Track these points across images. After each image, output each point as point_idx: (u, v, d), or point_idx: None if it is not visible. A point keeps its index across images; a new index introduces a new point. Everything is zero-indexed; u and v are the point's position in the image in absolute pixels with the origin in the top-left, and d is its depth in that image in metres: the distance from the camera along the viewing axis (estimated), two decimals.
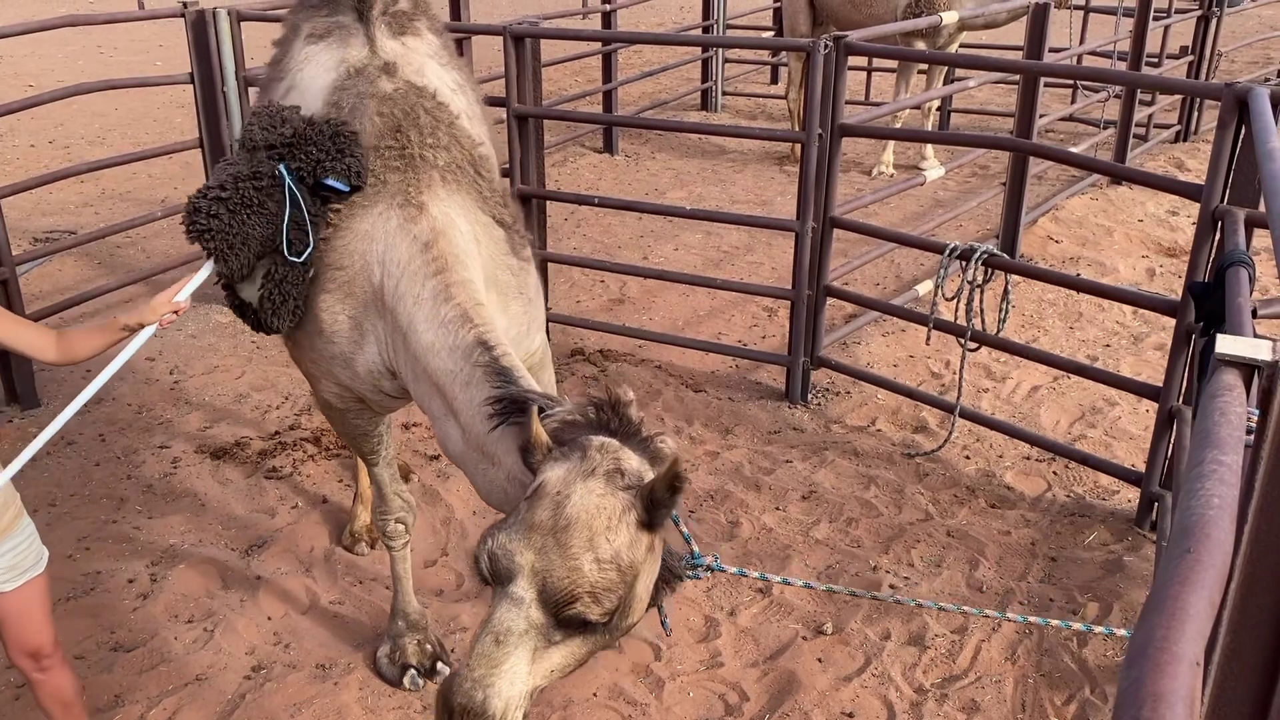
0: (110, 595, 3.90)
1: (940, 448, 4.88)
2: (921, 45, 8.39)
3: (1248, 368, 1.52)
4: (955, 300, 4.76)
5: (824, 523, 4.36)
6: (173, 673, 3.53)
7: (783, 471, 4.72)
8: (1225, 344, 1.54)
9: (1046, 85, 7.72)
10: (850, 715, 3.37)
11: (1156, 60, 10.13)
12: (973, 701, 3.41)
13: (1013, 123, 6.66)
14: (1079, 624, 2.55)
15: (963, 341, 4.72)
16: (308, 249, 2.81)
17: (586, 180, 9.30)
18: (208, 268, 2.88)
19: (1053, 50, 7.51)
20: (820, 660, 3.60)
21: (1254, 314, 2.49)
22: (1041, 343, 5.93)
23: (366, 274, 2.83)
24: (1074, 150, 7.07)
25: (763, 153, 10.09)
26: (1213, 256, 3.79)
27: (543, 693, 2.35)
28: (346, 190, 2.81)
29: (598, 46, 9.97)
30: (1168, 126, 10.24)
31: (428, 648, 3.53)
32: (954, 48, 8.83)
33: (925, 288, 5.79)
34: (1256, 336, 1.66)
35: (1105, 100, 9.14)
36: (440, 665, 3.51)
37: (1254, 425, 1.46)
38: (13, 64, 14.05)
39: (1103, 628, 2.49)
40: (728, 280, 6.24)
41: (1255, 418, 1.47)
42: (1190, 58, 9.84)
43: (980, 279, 4.65)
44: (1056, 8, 7.22)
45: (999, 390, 5.47)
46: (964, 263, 4.66)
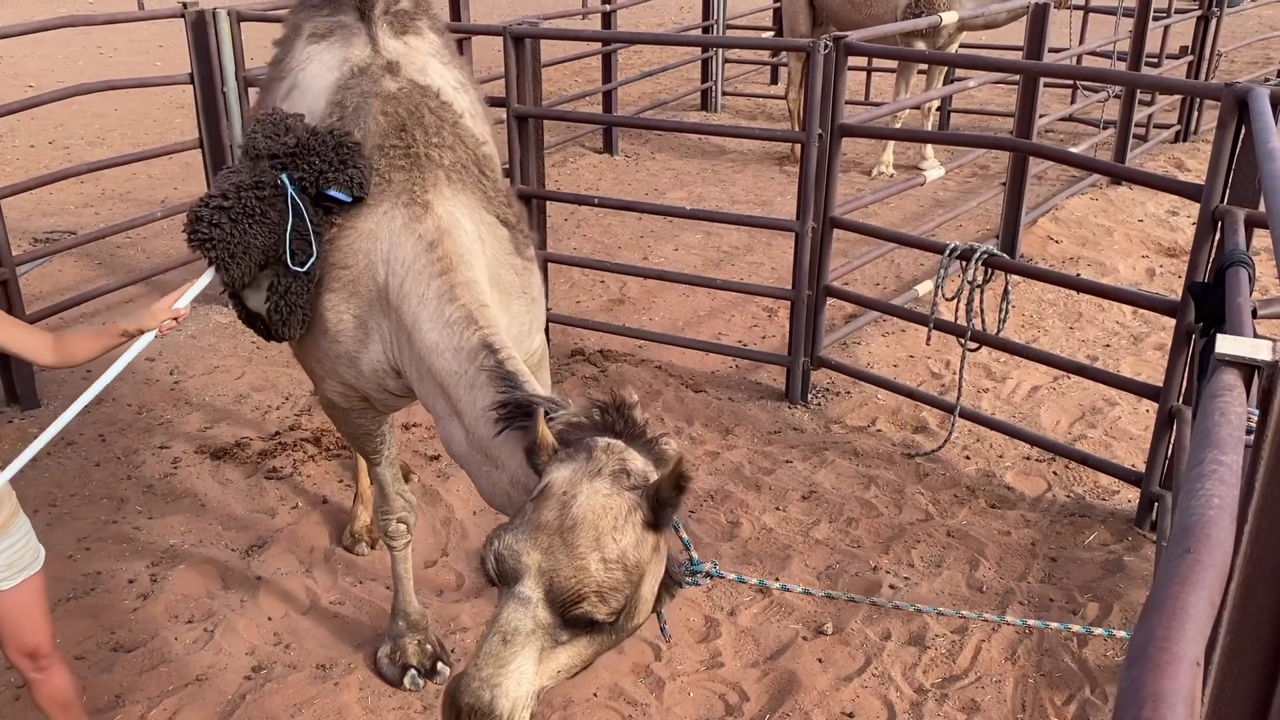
0: (110, 595, 3.90)
1: (940, 448, 4.88)
2: (921, 45, 8.40)
3: (1248, 368, 1.52)
4: (955, 300, 4.76)
5: (824, 523, 4.36)
6: (173, 673, 3.53)
7: (783, 472, 4.73)
8: (1225, 344, 1.54)
9: (1046, 85, 7.72)
10: (850, 715, 3.37)
11: (1156, 60, 10.13)
12: (973, 701, 3.41)
13: (1013, 123, 6.66)
14: (1078, 626, 2.55)
15: (963, 341, 4.72)
16: (310, 259, 2.81)
17: (586, 180, 9.30)
18: (208, 275, 2.88)
19: (1053, 50, 7.51)
20: (820, 660, 3.60)
21: (1254, 314, 2.49)
22: (1041, 343, 5.93)
23: (371, 273, 2.83)
24: (1074, 150, 7.07)
25: (763, 153, 10.09)
26: (1213, 256, 3.79)
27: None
28: (349, 201, 2.81)
29: (597, 47, 9.97)
30: (1167, 126, 10.24)
31: (428, 648, 3.53)
32: (954, 48, 8.83)
33: (925, 288, 5.79)
34: (1256, 336, 1.67)
35: (1105, 100, 9.14)
36: (440, 665, 3.51)
37: (1254, 425, 1.46)
38: (13, 64, 14.05)
39: (1102, 629, 2.49)
40: (728, 280, 6.24)
41: (1255, 418, 1.47)
42: (1190, 58, 9.84)
43: (980, 279, 4.65)
44: (1056, 8, 7.23)
45: (999, 390, 5.47)
46: (964, 263, 4.66)
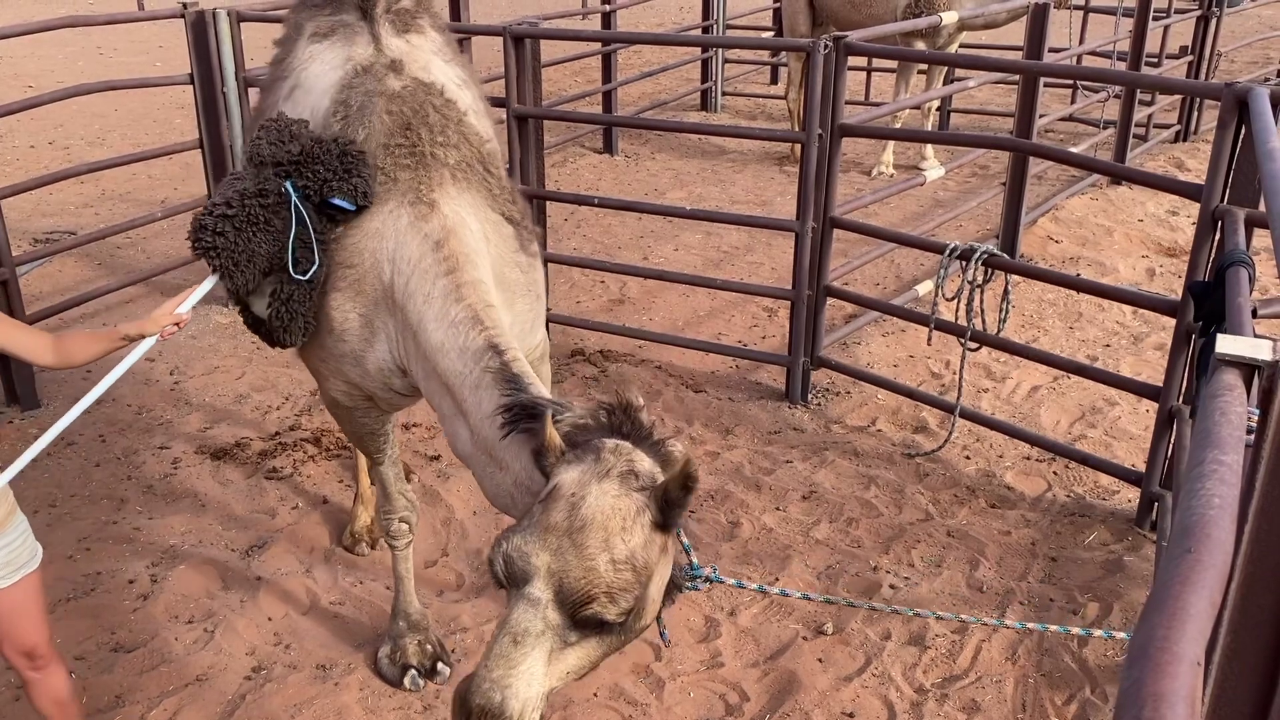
0: (110, 596, 3.90)
1: (940, 448, 4.88)
2: (921, 45, 8.40)
3: (1248, 367, 1.52)
4: (955, 300, 4.76)
5: (824, 523, 4.36)
6: (173, 673, 3.53)
7: (783, 472, 4.72)
8: (1225, 344, 1.54)
9: (1046, 85, 7.72)
10: (851, 715, 3.37)
11: (1156, 60, 10.13)
12: (973, 701, 3.41)
13: (1013, 123, 6.66)
14: (1077, 629, 2.54)
15: (963, 341, 4.72)
16: (313, 267, 2.81)
17: (586, 180, 9.30)
18: (210, 280, 2.88)
19: (1052, 50, 7.51)
20: (821, 660, 3.60)
21: (1254, 314, 2.49)
22: (1041, 343, 5.93)
23: (377, 271, 2.83)
24: (1074, 150, 7.07)
25: (762, 153, 10.09)
26: (1213, 256, 3.79)
27: None
28: (353, 209, 2.81)
29: (597, 47, 9.97)
30: (1167, 126, 10.24)
31: (428, 648, 3.53)
32: (954, 48, 8.83)
33: (925, 288, 5.79)
34: (1256, 336, 1.67)
35: (1105, 100, 9.14)
36: (441, 666, 3.51)
37: (1254, 425, 1.46)
38: (12, 65, 14.05)
39: (1101, 631, 2.49)
40: (728, 280, 6.24)
41: (1255, 417, 1.47)
42: (1190, 58, 9.84)
43: (980, 279, 4.65)
44: (1056, 8, 7.23)
45: (999, 390, 5.47)
46: (964, 263, 4.66)
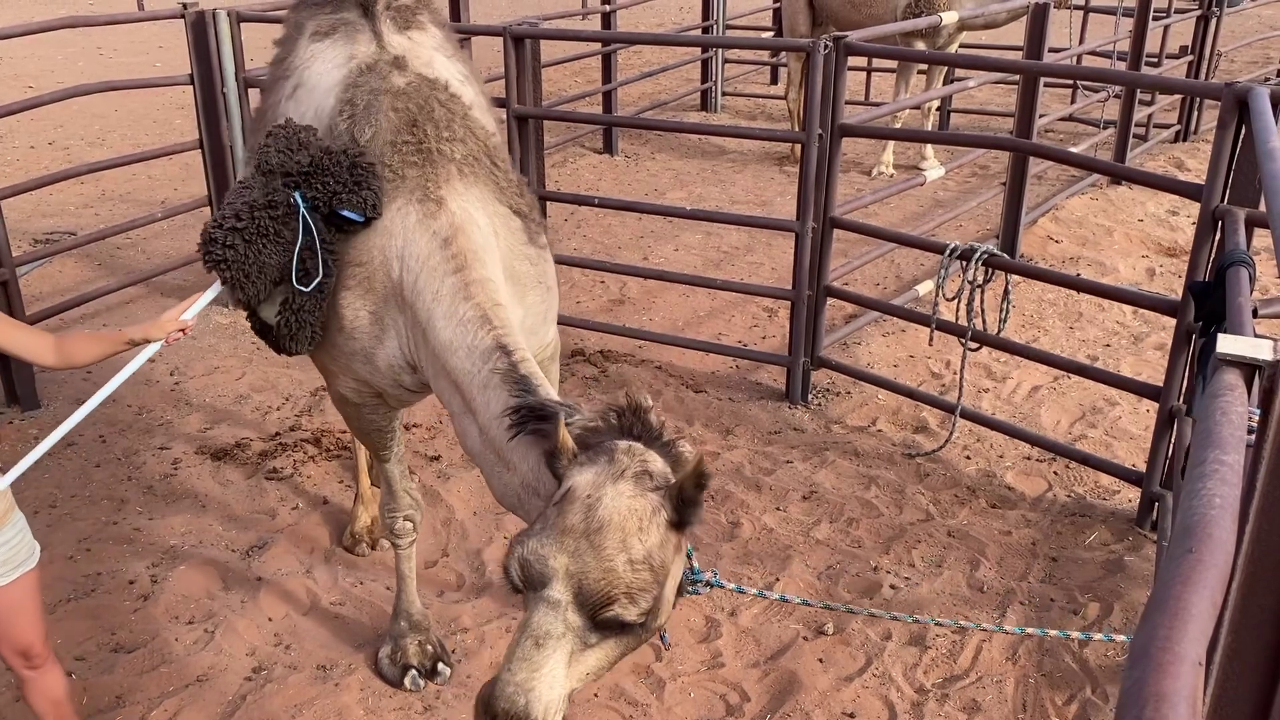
0: (111, 596, 3.90)
1: (941, 448, 4.88)
2: (921, 45, 8.40)
3: (1249, 367, 1.52)
4: (956, 300, 4.76)
5: (825, 523, 4.36)
6: (173, 674, 3.53)
7: (783, 472, 4.72)
8: (1226, 343, 1.54)
9: (1046, 85, 7.72)
10: (851, 715, 3.37)
11: (1156, 60, 10.13)
12: (974, 701, 3.40)
13: (1013, 123, 6.66)
14: (1077, 632, 2.54)
15: (963, 341, 4.72)
16: (316, 278, 2.82)
17: (586, 181, 9.30)
18: (216, 287, 2.88)
19: (1052, 50, 7.51)
20: (821, 660, 3.60)
21: (1254, 313, 2.49)
22: (1042, 343, 5.93)
23: (386, 269, 2.83)
24: (1074, 150, 7.07)
25: (762, 153, 10.09)
26: (1213, 256, 3.79)
27: None
28: (361, 221, 2.81)
29: (597, 47, 9.97)
30: (1168, 126, 10.24)
31: (429, 648, 3.53)
32: (954, 48, 8.83)
33: (925, 288, 5.79)
34: (1257, 336, 1.66)
35: (1105, 100, 9.14)
36: (441, 666, 3.51)
37: (1255, 425, 1.46)
38: (12, 65, 14.05)
39: (1101, 634, 2.49)
40: (728, 281, 6.24)
41: (1256, 417, 1.47)
42: (1190, 57, 9.84)
43: (980, 279, 4.65)
44: (1056, 8, 7.23)
45: (999, 390, 5.47)
46: (964, 263, 4.66)
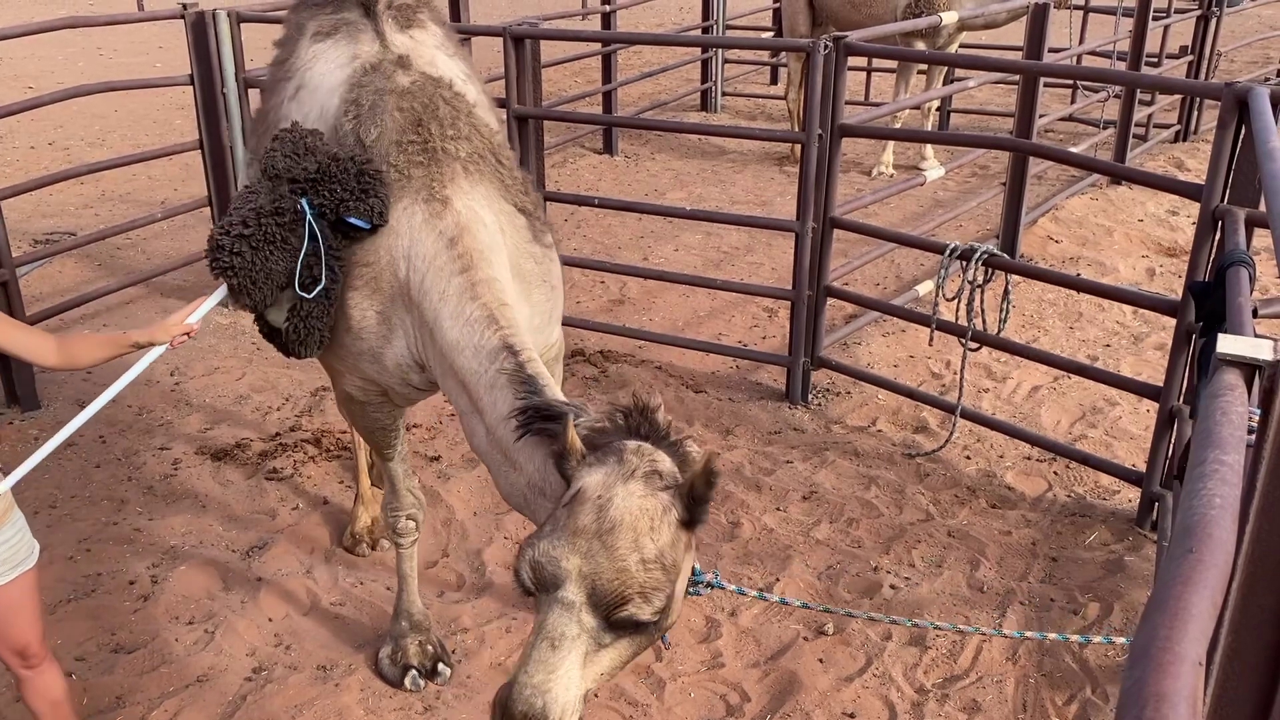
0: (111, 597, 3.90)
1: (941, 448, 4.88)
2: (921, 45, 8.39)
3: (1249, 367, 1.52)
4: (956, 300, 4.76)
5: (825, 523, 4.36)
6: (174, 674, 3.53)
7: (783, 472, 4.72)
8: (1226, 343, 1.54)
9: (1046, 85, 7.72)
10: (851, 715, 3.37)
11: (1156, 60, 10.13)
12: (974, 702, 3.40)
13: (1013, 123, 6.65)
14: (1076, 635, 2.54)
15: (963, 341, 4.72)
16: (319, 285, 2.82)
17: (586, 181, 9.30)
18: (221, 291, 2.89)
19: (1052, 50, 7.51)
20: (821, 660, 3.60)
21: (1254, 313, 2.49)
22: (1042, 343, 5.93)
23: (393, 269, 2.84)
24: (1074, 150, 7.07)
25: (762, 153, 10.09)
26: (1213, 256, 3.79)
27: None
28: (368, 228, 2.81)
29: (597, 47, 9.97)
30: (1168, 126, 10.24)
31: (429, 649, 3.53)
32: (954, 48, 8.83)
33: (926, 288, 5.79)
34: (1257, 336, 1.66)
35: (1105, 100, 9.14)
36: (441, 667, 3.51)
37: (1255, 425, 1.46)
38: (12, 65, 14.05)
39: (1101, 636, 2.50)
40: (728, 281, 6.24)
41: (1256, 417, 1.47)
42: (1190, 57, 9.84)
43: (980, 279, 4.65)
44: (1056, 8, 7.23)
45: (999, 390, 5.46)
46: (964, 263, 4.66)
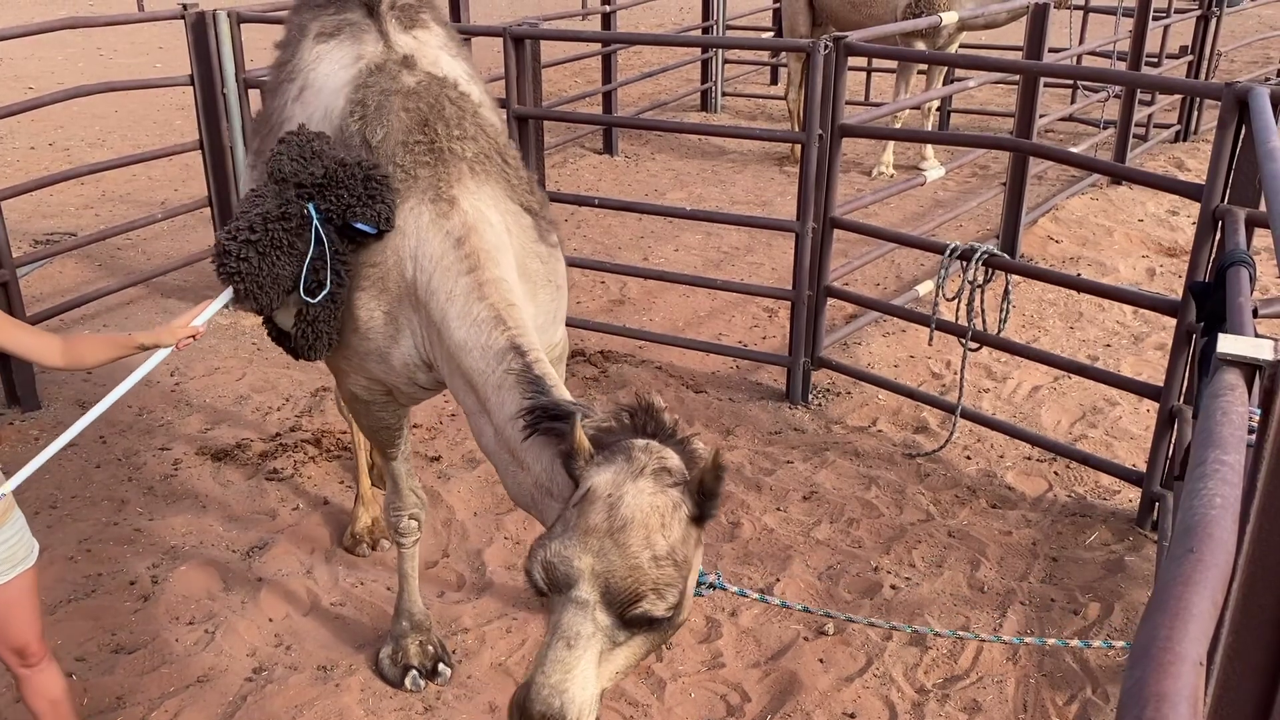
0: (111, 597, 3.90)
1: (941, 448, 4.88)
2: (921, 45, 8.40)
3: (1249, 367, 1.52)
4: (956, 300, 4.76)
5: (825, 523, 4.36)
6: (174, 674, 3.53)
7: (784, 472, 4.72)
8: (1227, 343, 1.54)
9: (1046, 85, 7.72)
10: (852, 716, 3.37)
11: (1156, 60, 10.13)
12: (974, 702, 3.40)
13: (1013, 123, 6.66)
14: (1076, 641, 2.54)
15: (963, 342, 4.72)
16: (324, 290, 2.82)
17: (586, 181, 9.30)
18: (227, 294, 2.89)
19: (1052, 50, 7.51)
20: (822, 661, 3.60)
21: (1255, 313, 2.49)
22: (1042, 343, 5.93)
23: (400, 269, 2.84)
24: (1074, 150, 7.07)
25: (762, 153, 10.09)
26: (1213, 256, 3.79)
27: None
28: (374, 233, 2.82)
29: (597, 47, 9.97)
30: (1168, 126, 10.24)
31: (430, 649, 3.53)
32: (954, 48, 8.83)
33: (926, 288, 5.79)
34: (1258, 336, 1.66)
35: (1105, 100, 9.14)
36: (442, 667, 3.51)
37: (1256, 425, 1.46)
38: (13, 66, 14.05)
39: (1101, 641, 2.49)
40: (728, 281, 6.24)
41: (1257, 417, 1.47)
42: (1190, 57, 9.84)
43: (981, 279, 4.65)
44: (1056, 8, 7.23)
45: (1000, 390, 5.46)
46: (964, 263, 4.66)
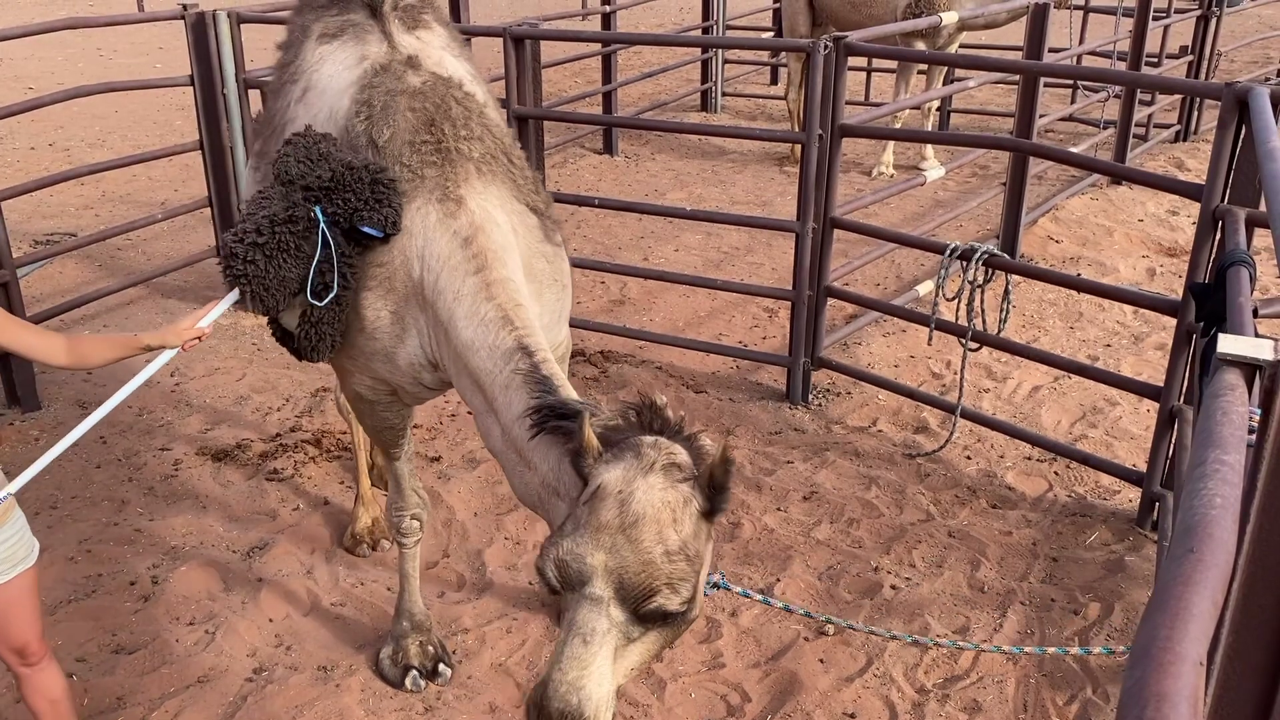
0: (112, 597, 3.90)
1: (941, 448, 4.88)
2: (921, 45, 8.40)
3: (1249, 367, 1.52)
4: (956, 300, 4.76)
5: (825, 523, 4.36)
6: (174, 675, 3.53)
7: (784, 472, 4.72)
8: (1227, 343, 1.54)
9: (1046, 85, 7.72)
10: (852, 716, 3.37)
11: (1156, 60, 10.13)
12: (974, 702, 3.40)
13: (1013, 123, 6.66)
14: (1076, 648, 2.55)
15: (964, 342, 4.72)
16: (331, 292, 2.82)
17: (586, 181, 9.30)
18: (233, 295, 2.89)
19: (1053, 50, 7.51)
20: (822, 661, 3.60)
21: (1255, 313, 2.49)
22: (1042, 343, 5.93)
23: (406, 269, 2.84)
24: (1074, 150, 7.07)
25: (763, 153, 10.09)
26: (1213, 256, 3.79)
27: None
28: (381, 236, 2.82)
29: (597, 48, 9.97)
30: (1168, 126, 10.24)
31: (430, 649, 3.53)
32: (954, 48, 8.83)
33: (926, 288, 5.79)
34: (1258, 336, 1.66)
35: (1105, 100, 9.14)
36: (442, 667, 3.51)
37: (1256, 425, 1.46)
38: (13, 66, 14.05)
39: (1101, 647, 2.50)
40: (728, 281, 6.23)
41: (1257, 417, 1.47)
42: (1190, 57, 9.84)
43: (981, 279, 4.65)
44: (1056, 8, 7.23)
45: (1000, 390, 5.46)
46: (964, 263, 4.66)
